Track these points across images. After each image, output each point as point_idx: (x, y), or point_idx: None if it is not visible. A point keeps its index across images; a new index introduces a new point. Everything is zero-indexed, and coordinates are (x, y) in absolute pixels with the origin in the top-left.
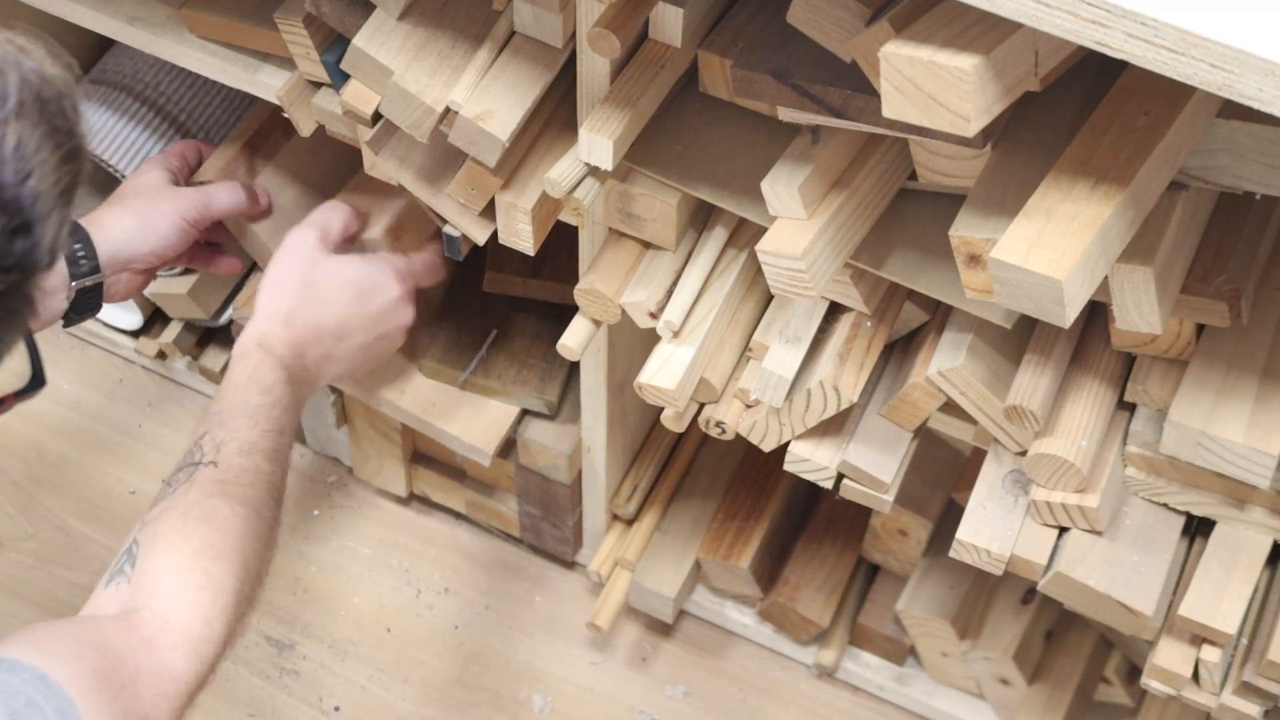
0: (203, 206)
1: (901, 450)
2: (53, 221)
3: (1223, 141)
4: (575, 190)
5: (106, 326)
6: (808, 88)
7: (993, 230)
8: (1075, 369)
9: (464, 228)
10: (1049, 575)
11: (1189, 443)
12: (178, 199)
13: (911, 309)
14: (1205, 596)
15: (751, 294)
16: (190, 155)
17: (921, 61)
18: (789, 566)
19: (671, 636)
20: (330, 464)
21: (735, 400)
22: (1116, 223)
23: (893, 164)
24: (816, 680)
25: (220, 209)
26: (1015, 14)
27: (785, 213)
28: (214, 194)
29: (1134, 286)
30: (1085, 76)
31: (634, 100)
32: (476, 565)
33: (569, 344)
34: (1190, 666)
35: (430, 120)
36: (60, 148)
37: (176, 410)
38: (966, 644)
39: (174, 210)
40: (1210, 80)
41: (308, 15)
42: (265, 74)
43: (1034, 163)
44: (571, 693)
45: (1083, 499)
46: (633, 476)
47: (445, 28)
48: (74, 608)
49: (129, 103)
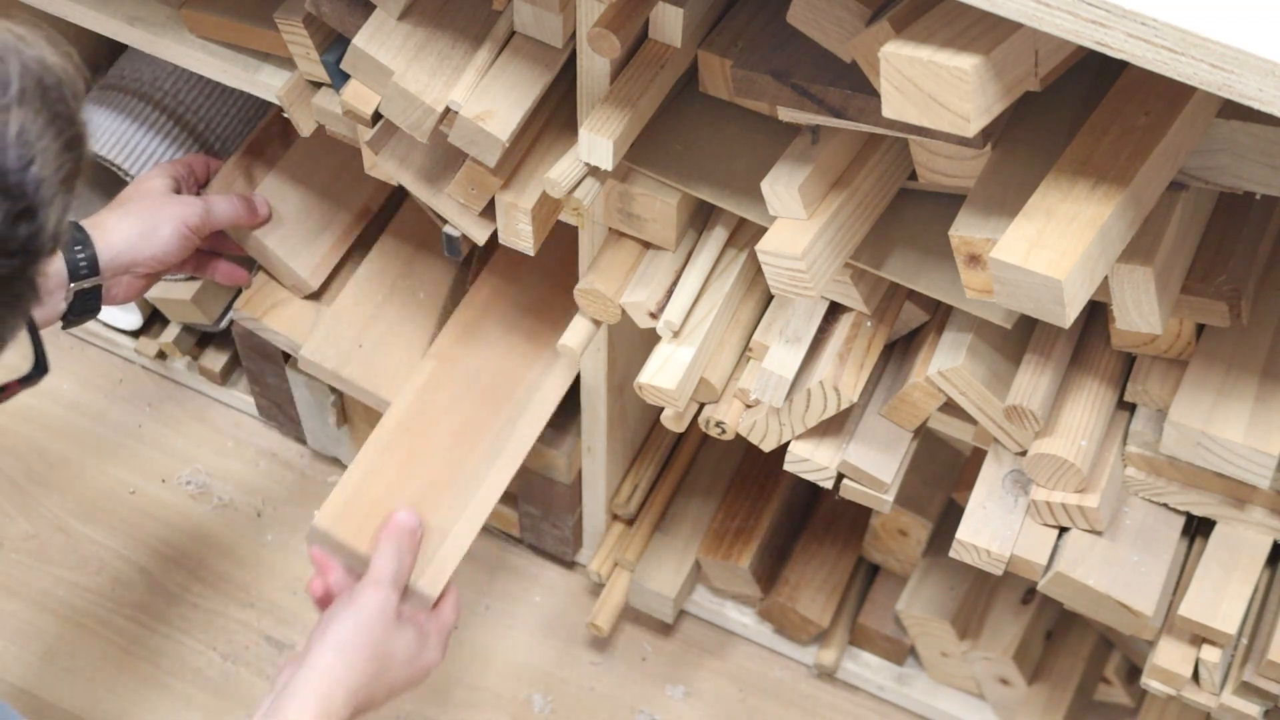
0: (204, 214)
1: (901, 450)
2: (56, 207)
3: (1223, 141)
4: (575, 190)
5: (107, 327)
6: (808, 88)
7: (993, 230)
8: (1075, 369)
9: (464, 228)
10: (1049, 575)
11: (1189, 443)
12: (180, 205)
13: (911, 309)
14: (1205, 596)
15: (751, 294)
16: (199, 168)
17: (921, 61)
18: (789, 567)
19: (671, 636)
20: (331, 464)
21: (735, 400)
22: (1116, 223)
23: (893, 164)
24: (816, 680)
25: (220, 218)
26: (1015, 14)
27: (785, 213)
28: (214, 203)
29: (1134, 286)
30: (1085, 76)
31: (634, 100)
32: (477, 565)
33: (569, 344)
34: (1190, 666)
35: (430, 120)
36: (62, 135)
37: (176, 410)
38: (966, 644)
39: (176, 217)
40: (1210, 80)
41: (308, 15)
42: (265, 74)
43: (1034, 163)
44: (572, 692)
45: (1083, 499)
46: (633, 476)
47: (445, 28)
48: (73, 608)
49: (147, 110)
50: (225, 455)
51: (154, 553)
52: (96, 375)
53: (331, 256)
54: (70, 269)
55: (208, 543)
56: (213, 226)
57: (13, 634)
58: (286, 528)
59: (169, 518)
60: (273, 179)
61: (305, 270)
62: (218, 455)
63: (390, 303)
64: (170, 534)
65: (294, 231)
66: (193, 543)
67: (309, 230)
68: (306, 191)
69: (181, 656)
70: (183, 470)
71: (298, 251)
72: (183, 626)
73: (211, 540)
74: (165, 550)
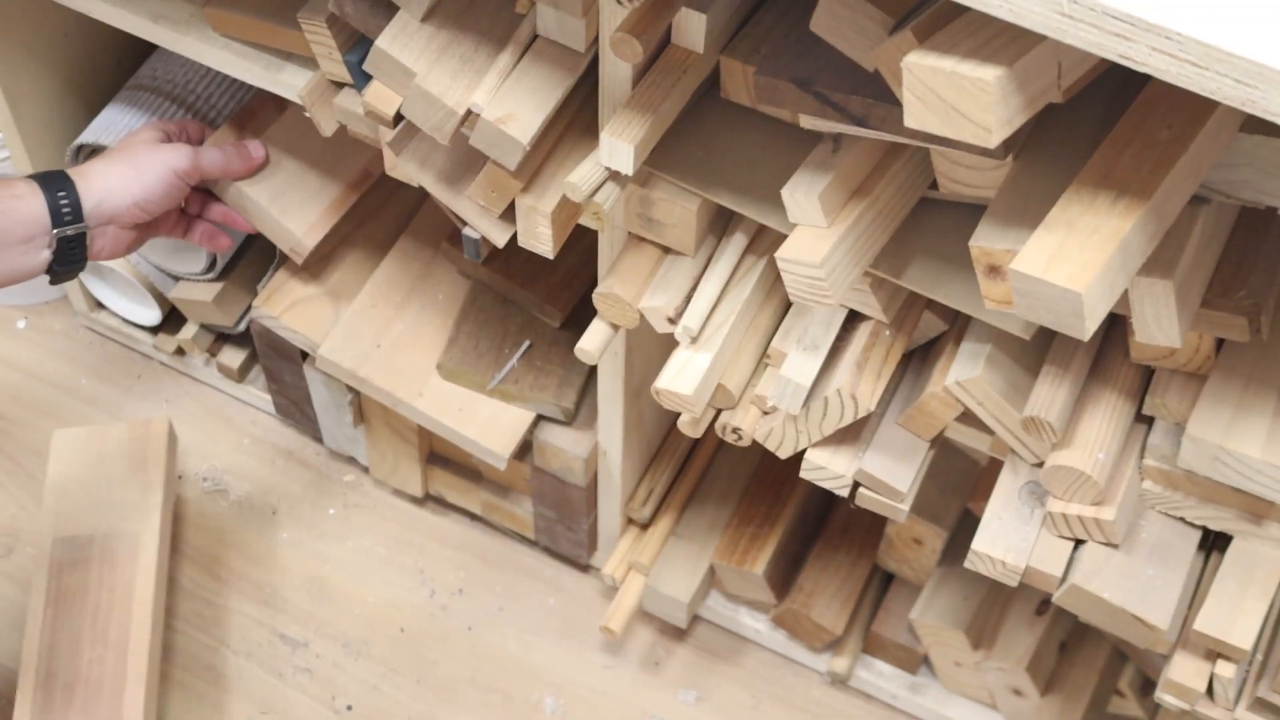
0: (192, 159)
1: (918, 460)
2: None
3: (1245, 156)
4: (595, 194)
5: (125, 322)
6: (830, 96)
7: (1013, 241)
8: (1093, 381)
9: (484, 230)
10: (1064, 587)
11: (1207, 457)
12: (168, 151)
13: (930, 318)
14: (1221, 611)
15: (770, 301)
16: (192, 130)
17: (944, 72)
18: (803, 573)
19: (685, 641)
20: (346, 463)
21: (752, 407)
22: (1137, 236)
23: (913, 173)
24: (829, 688)
25: (210, 165)
26: (1039, 26)
27: (805, 220)
28: (204, 150)
29: (1154, 300)
30: (1108, 89)
31: (655, 105)
32: (491, 567)
33: (587, 348)
34: (1205, 681)
35: (452, 122)
36: None
37: (194, 407)
38: (980, 654)
39: (161, 162)
40: (1234, 95)
41: (331, 15)
42: (288, 73)
43: (1055, 175)
44: (584, 696)
45: (1099, 511)
46: (648, 481)
47: (468, 30)
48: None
49: (176, 111)
50: (242, 453)
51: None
52: (115, 370)
53: (328, 217)
54: (53, 214)
55: (222, 539)
56: (203, 173)
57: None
58: (302, 526)
59: (184, 514)
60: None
61: (300, 228)
62: (234, 452)
63: (409, 304)
64: (185, 530)
65: (288, 189)
66: (207, 539)
67: (305, 192)
68: (301, 157)
69: (195, 653)
70: (199, 467)
71: (290, 211)
72: (196, 623)
73: (226, 537)
74: (180, 546)
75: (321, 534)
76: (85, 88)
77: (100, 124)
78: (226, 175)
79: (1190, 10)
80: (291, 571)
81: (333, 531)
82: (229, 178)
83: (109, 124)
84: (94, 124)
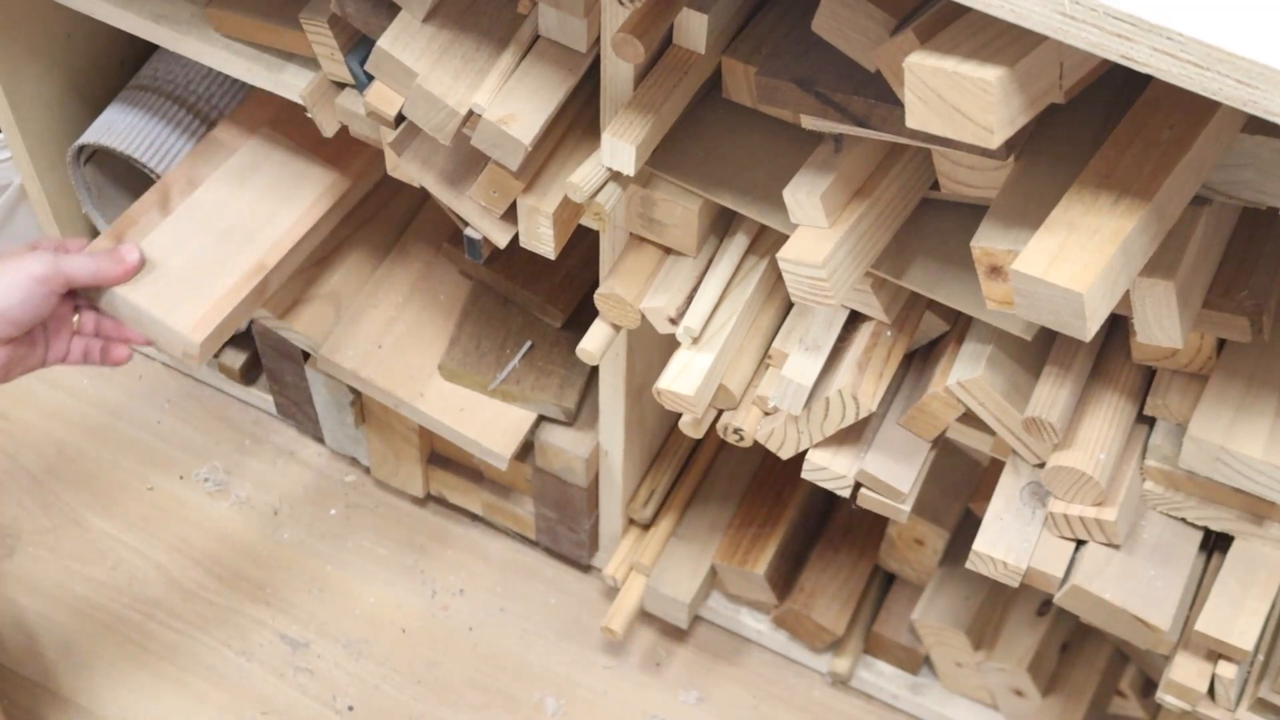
0: (51, 263)
1: (919, 460)
2: None
3: (1247, 157)
4: (597, 195)
5: None
6: (831, 96)
7: (1015, 242)
8: (1095, 382)
9: (485, 230)
10: (1065, 588)
11: (1208, 458)
12: (27, 258)
13: (931, 319)
14: (1222, 612)
15: (771, 301)
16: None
17: (946, 72)
18: (805, 574)
19: (686, 642)
20: (348, 463)
21: (753, 407)
22: (1139, 237)
23: (915, 174)
24: (830, 688)
25: (77, 271)
26: (1041, 26)
27: (807, 221)
28: (68, 256)
29: (1155, 301)
30: (1110, 89)
31: (657, 106)
32: (492, 567)
33: (588, 348)
34: (1206, 682)
35: (453, 123)
36: None
37: (196, 407)
38: (981, 655)
39: (17, 269)
40: (1236, 96)
41: (332, 16)
42: (289, 74)
43: (1057, 175)
44: (585, 696)
45: (1101, 512)
46: (649, 481)
47: (470, 31)
48: (89, 603)
49: (177, 112)
50: (244, 453)
51: (171, 549)
52: (116, 371)
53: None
54: None
55: (224, 540)
56: (67, 278)
57: (29, 628)
58: (303, 526)
59: (186, 514)
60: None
61: (185, 325)
62: (236, 453)
63: (410, 304)
64: (187, 530)
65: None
66: (209, 540)
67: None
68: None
69: (196, 653)
70: (201, 467)
71: (174, 309)
72: (198, 623)
73: (228, 537)
74: (182, 547)
75: (322, 534)
76: (87, 88)
77: (102, 124)
78: (99, 281)
79: (1192, 11)
80: (293, 572)
81: (333, 532)
82: (102, 284)
83: (110, 124)
84: (96, 124)
